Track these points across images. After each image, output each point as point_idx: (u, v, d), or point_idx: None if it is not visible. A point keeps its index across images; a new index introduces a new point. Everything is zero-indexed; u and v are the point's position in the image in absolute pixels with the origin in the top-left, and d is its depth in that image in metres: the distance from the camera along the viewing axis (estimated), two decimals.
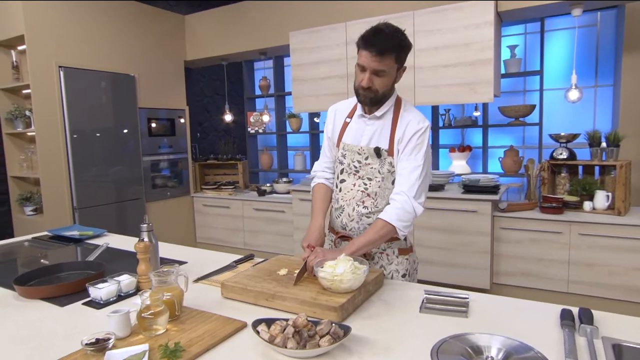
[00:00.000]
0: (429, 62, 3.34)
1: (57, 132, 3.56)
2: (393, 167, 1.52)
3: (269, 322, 1.07)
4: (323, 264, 1.33)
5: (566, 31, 3.83)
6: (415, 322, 1.19)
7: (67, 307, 1.33)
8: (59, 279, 1.55)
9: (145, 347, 0.99)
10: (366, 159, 1.54)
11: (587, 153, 3.22)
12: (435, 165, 4.49)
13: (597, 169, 3.16)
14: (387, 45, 1.38)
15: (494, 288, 3.26)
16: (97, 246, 2.03)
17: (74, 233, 2.26)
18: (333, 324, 1.04)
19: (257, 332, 1.03)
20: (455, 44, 3.21)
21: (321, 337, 1.00)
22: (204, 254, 1.96)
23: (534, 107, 3.68)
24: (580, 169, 3.25)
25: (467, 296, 1.34)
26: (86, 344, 0.99)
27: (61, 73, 3.56)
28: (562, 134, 3.18)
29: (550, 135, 3.28)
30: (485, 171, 4.15)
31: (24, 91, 3.66)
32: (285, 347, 0.97)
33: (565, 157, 3.10)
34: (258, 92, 5.52)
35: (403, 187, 1.47)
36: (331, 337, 1.00)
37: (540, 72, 3.68)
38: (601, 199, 2.97)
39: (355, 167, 1.56)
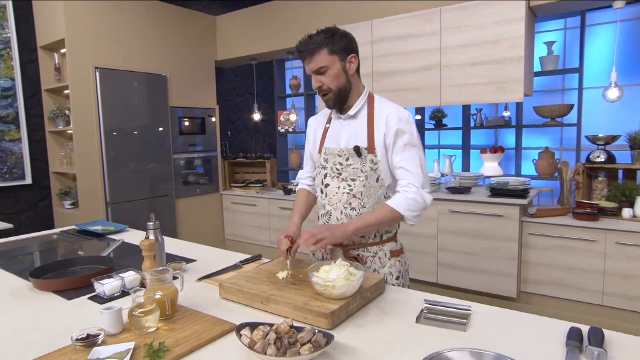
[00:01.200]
0: (455, 61, 3.22)
1: (93, 130, 3.73)
2: (376, 164, 1.51)
3: (254, 326, 1.06)
4: (319, 269, 1.31)
5: (609, 26, 3.59)
6: (409, 334, 1.15)
7: (73, 301, 1.39)
8: (72, 272, 1.62)
9: (130, 345, 1.01)
10: (347, 160, 1.54)
11: (629, 156, 3.00)
12: (466, 167, 4.34)
13: (639, 173, 2.93)
14: (313, 45, 1.44)
15: (522, 297, 3.11)
16: (115, 241, 2.11)
17: (98, 228, 2.36)
18: (316, 332, 1.01)
19: (240, 336, 1.02)
20: (483, 42, 3.08)
21: (302, 345, 0.98)
22: (214, 252, 1.99)
23: (572, 107, 3.47)
24: (620, 173, 3.03)
25: (469, 308, 1.28)
26: (77, 340, 1.02)
27: (97, 74, 3.73)
28: (600, 135, 2.97)
29: (587, 137, 3.08)
30: (518, 174, 3.97)
31: (65, 92, 3.86)
32: (265, 354, 0.96)
33: (603, 160, 2.90)
34: (289, 91, 5.55)
35: (409, 179, 1.47)
36: (312, 345, 0.98)
37: (579, 70, 3.47)
38: None
39: (338, 170, 1.56)
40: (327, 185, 1.59)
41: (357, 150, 1.51)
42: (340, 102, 1.53)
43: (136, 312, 1.10)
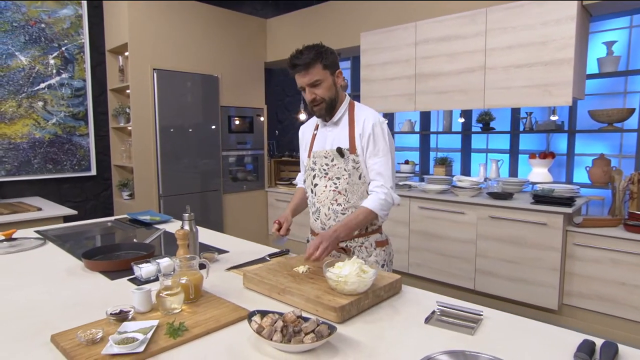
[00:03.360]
0: (500, 62, 3.13)
1: (149, 127, 4.03)
2: (357, 163, 1.67)
3: (264, 313, 1.14)
4: (333, 264, 1.38)
5: None
6: (414, 333, 1.17)
7: (115, 281, 1.55)
8: (118, 256, 1.80)
9: (154, 322, 1.13)
10: (332, 160, 1.70)
11: None
12: (514, 172, 4.19)
13: None
14: (307, 59, 1.57)
15: (564, 309, 2.96)
16: (158, 230, 2.29)
17: (146, 217, 2.57)
18: (320, 323, 1.08)
19: (250, 322, 1.11)
20: (530, 42, 2.97)
21: (306, 334, 1.05)
22: (247, 245, 2.11)
23: (632, 111, 3.24)
24: None
25: (480, 312, 1.28)
26: (110, 314, 1.16)
27: (155, 75, 4.02)
28: None
29: None
30: (569, 181, 3.77)
31: (127, 91, 4.20)
32: (271, 340, 1.04)
33: None
34: None
35: (380, 181, 1.66)
36: (315, 335, 1.04)
37: None
38: None
39: (325, 170, 1.71)
40: (315, 185, 1.76)
41: (340, 151, 1.68)
42: (330, 111, 1.70)
43: (162, 294, 1.22)
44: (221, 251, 1.93)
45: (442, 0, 3.51)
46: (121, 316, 1.16)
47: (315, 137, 1.80)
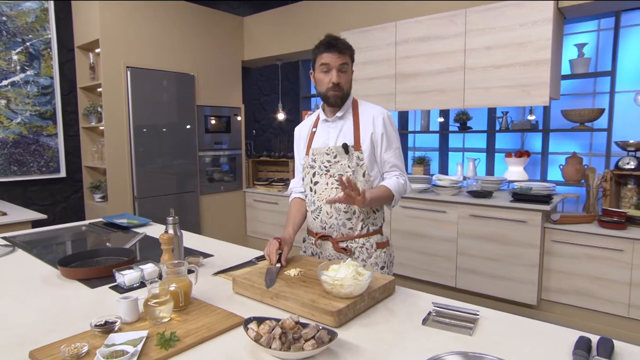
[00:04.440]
0: (480, 63, 3.18)
1: (123, 126, 3.88)
2: (361, 160, 1.64)
3: (261, 320, 1.10)
4: (328, 267, 1.34)
5: None
6: (413, 335, 1.16)
7: (96, 289, 1.46)
8: (97, 262, 1.71)
9: (144, 333, 1.07)
10: (335, 157, 1.65)
11: None
12: (490, 170, 4.27)
13: None
14: (344, 45, 1.60)
15: (542, 305, 3.04)
16: (137, 234, 2.20)
17: (123, 221, 2.47)
18: (320, 329, 1.04)
19: (246, 330, 1.06)
20: (508, 44, 3.03)
21: (306, 340, 1.02)
22: (231, 248, 2.05)
23: (602, 111, 3.36)
24: None
25: (477, 312, 1.28)
26: (95, 325, 1.09)
27: (128, 73, 3.88)
28: (631, 141, 2.87)
29: (617, 143, 2.98)
30: (544, 179, 3.87)
31: (98, 89, 4.03)
32: (270, 347, 1.00)
33: (632, 167, 2.80)
34: (314, 91, 5.59)
35: (397, 171, 1.69)
36: (315, 341, 1.01)
37: (611, 73, 3.35)
38: None
39: (326, 167, 1.67)
40: (315, 183, 1.70)
41: (345, 147, 1.64)
42: (343, 101, 1.67)
43: (151, 302, 1.16)
44: (206, 255, 1.87)
45: (422, 0, 3.53)
46: (107, 328, 1.09)
47: (315, 134, 1.74)
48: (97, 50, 3.91)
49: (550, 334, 1.18)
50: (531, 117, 3.78)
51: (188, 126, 4.38)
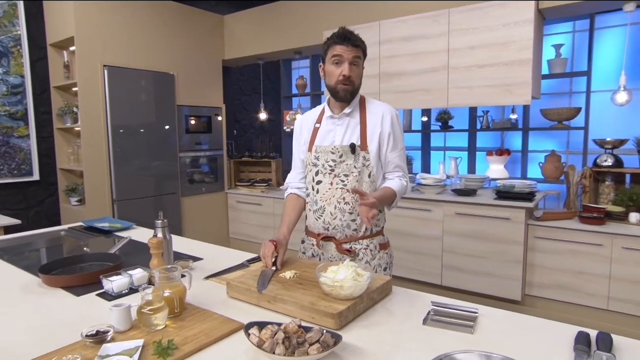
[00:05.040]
0: (463, 62, 3.22)
1: (100, 127, 3.76)
2: (367, 160, 1.60)
3: (262, 325, 1.07)
4: (326, 269, 1.32)
5: (618, 28, 3.57)
6: (415, 335, 1.15)
7: (82, 297, 1.40)
8: (80, 269, 1.64)
9: (139, 342, 1.02)
10: (340, 156, 1.61)
11: (636, 160, 2.98)
12: (472, 168, 4.34)
13: None
14: (358, 39, 1.56)
15: (526, 300, 3.10)
16: (122, 238, 2.12)
17: (105, 225, 2.38)
18: (324, 332, 1.02)
19: (248, 335, 1.03)
20: (491, 43, 3.07)
21: (310, 344, 0.99)
22: (220, 250, 2.00)
23: (579, 110, 3.45)
24: (627, 177, 3.01)
25: (476, 310, 1.28)
26: (86, 336, 1.03)
27: (105, 72, 3.75)
28: (608, 139, 2.96)
29: (595, 141, 3.06)
30: (524, 176, 3.96)
31: (73, 89, 3.89)
32: (273, 353, 0.97)
33: (610, 164, 2.89)
34: (295, 91, 5.56)
35: (400, 172, 1.68)
36: (320, 345, 0.98)
37: (587, 73, 3.45)
38: None
39: (330, 166, 1.62)
40: (318, 182, 1.65)
41: (353, 148, 1.59)
42: (352, 97, 1.62)
43: (145, 310, 1.11)
44: (195, 259, 1.82)
45: (405, 0, 3.55)
46: (99, 337, 1.03)
47: (318, 131, 1.68)
48: (72, 49, 3.77)
49: (548, 329, 1.19)
50: (513, 116, 3.85)
51: (168, 126, 4.28)
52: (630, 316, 2.72)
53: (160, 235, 1.55)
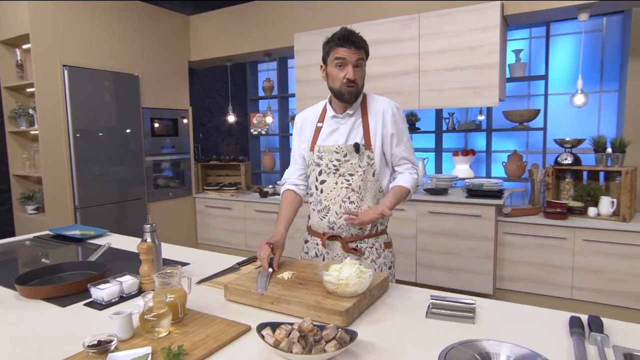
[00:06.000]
0: (434, 65, 3.32)
1: (60, 130, 3.55)
2: (372, 159, 1.60)
3: (274, 326, 1.05)
4: (328, 268, 1.32)
5: (571, 36, 3.82)
6: (422, 328, 1.17)
7: (68, 308, 1.31)
8: (61, 279, 1.54)
9: (148, 349, 0.98)
10: (345, 156, 1.61)
11: (592, 159, 3.20)
12: (439, 169, 4.47)
13: (602, 174, 3.14)
14: (361, 40, 1.54)
15: (497, 293, 3.23)
16: (99, 246, 2.02)
17: (76, 232, 2.25)
18: (339, 329, 1.02)
19: (262, 336, 1.01)
20: (461, 48, 3.20)
21: (327, 342, 0.99)
22: (206, 255, 1.95)
23: (538, 111, 3.66)
24: (584, 174, 3.22)
25: (473, 302, 1.32)
26: (88, 346, 0.97)
27: (65, 72, 3.56)
28: (567, 139, 3.16)
29: (555, 140, 3.26)
30: (488, 175, 4.13)
31: (28, 89, 3.65)
32: (291, 352, 0.95)
33: (570, 162, 3.08)
34: (261, 93, 5.51)
35: (408, 164, 1.68)
36: (337, 342, 0.98)
37: (545, 77, 3.67)
38: (606, 205, 2.95)
39: (335, 166, 1.62)
40: (322, 182, 1.64)
41: (357, 147, 1.59)
42: (357, 98, 1.61)
43: (148, 316, 1.06)
44: (182, 264, 1.76)
45: (377, 0, 3.60)
46: (102, 348, 0.98)
47: (321, 130, 1.66)
48: (26, 47, 3.55)
49: (541, 316, 1.25)
50: (481, 117, 4.01)
51: (133, 129, 4.11)
52: (592, 303, 2.91)
53: (149, 240, 1.49)
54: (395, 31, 3.43)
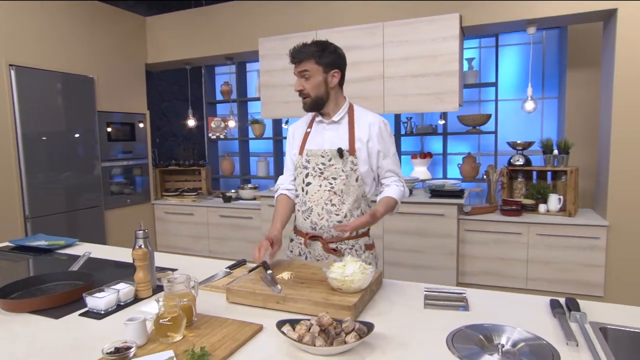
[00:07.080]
0: (397, 72, 3.48)
1: (8, 135, 3.31)
2: (355, 165, 1.66)
3: (293, 322, 1.08)
4: (330, 266, 1.37)
5: (516, 47, 4.15)
6: (423, 317, 1.25)
7: (63, 319, 1.26)
8: (43, 290, 1.46)
9: (170, 353, 0.97)
10: (329, 160, 1.67)
11: (540, 159, 3.49)
12: None
13: (549, 174, 3.44)
14: (304, 53, 1.61)
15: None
16: (72, 256, 1.92)
17: (41, 243, 2.12)
18: (357, 322, 1.07)
19: (284, 333, 1.04)
20: (423, 55, 3.37)
21: (347, 334, 1.04)
22: (192, 260, 1.93)
23: (489, 116, 3.93)
24: (534, 174, 3.51)
25: (463, 291, 1.43)
26: (107, 353, 0.95)
27: (12, 72, 3.32)
28: (519, 142, 3.43)
29: (508, 143, 3.52)
30: (445, 177, 4.36)
31: None
32: (314, 345, 0.99)
33: (521, 163, 3.35)
34: (219, 97, 5.43)
35: (395, 176, 1.76)
36: (357, 333, 1.03)
37: (495, 84, 3.95)
38: (554, 201, 3.24)
39: (320, 169, 1.68)
40: (308, 184, 1.70)
41: (340, 152, 1.65)
42: (315, 108, 1.68)
43: (163, 321, 1.05)
44: (172, 270, 1.73)
45: (343, 6, 3.69)
46: (122, 355, 0.96)
47: (309, 135, 1.74)
48: None
49: (525, 301, 1.38)
50: (442, 122, 4.23)
51: (88, 134, 3.91)
52: (544, 292, 3.18)
53: (142, 246, 1.46)
54: (360, 38, 3.55)
